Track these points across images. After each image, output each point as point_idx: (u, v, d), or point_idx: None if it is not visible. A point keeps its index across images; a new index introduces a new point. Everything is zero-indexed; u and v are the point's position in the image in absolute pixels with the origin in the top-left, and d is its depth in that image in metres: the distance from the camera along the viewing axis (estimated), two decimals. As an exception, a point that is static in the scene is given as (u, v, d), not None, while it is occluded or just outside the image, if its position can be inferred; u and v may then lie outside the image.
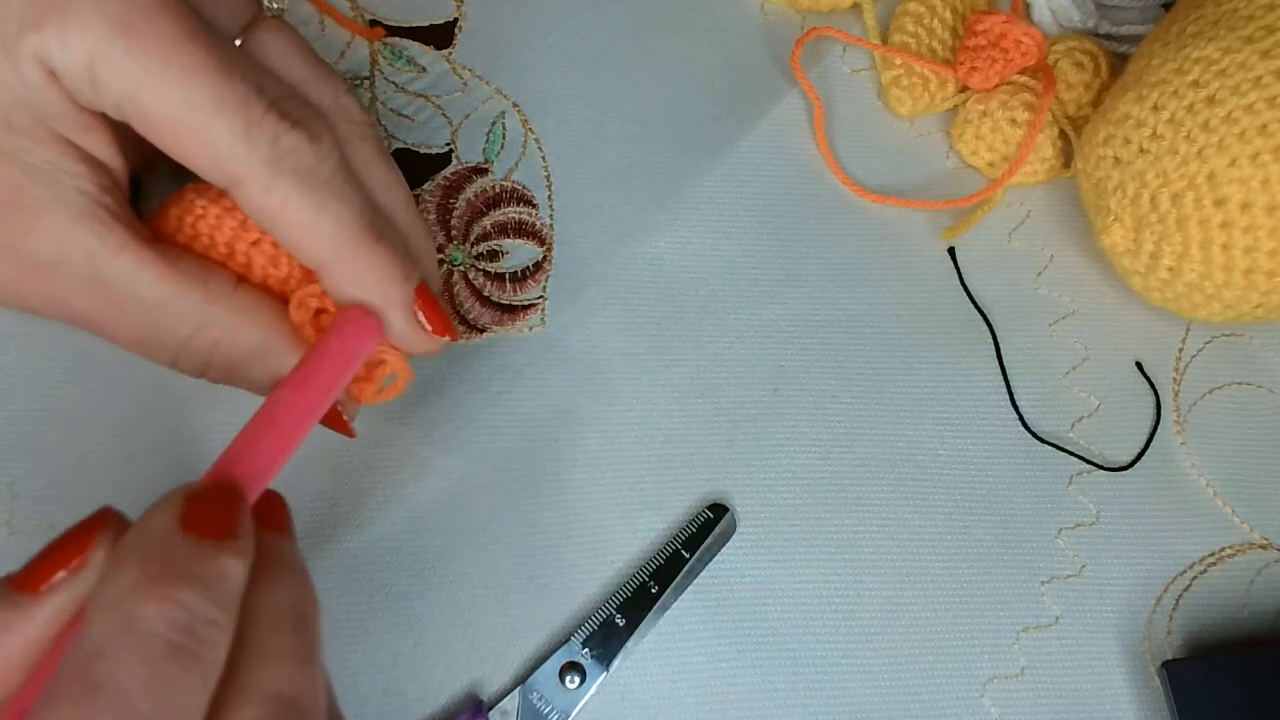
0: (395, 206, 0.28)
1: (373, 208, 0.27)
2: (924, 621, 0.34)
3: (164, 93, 0.24)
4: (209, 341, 0.27)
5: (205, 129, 0.24)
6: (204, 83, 0.24)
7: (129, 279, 0.26)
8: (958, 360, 0.38)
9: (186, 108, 0.24)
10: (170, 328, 0.27)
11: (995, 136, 0.39)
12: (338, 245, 0.26)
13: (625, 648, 0.32)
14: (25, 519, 0.32)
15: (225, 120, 0.24)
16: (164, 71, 0.24)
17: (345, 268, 0.26)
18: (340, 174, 0.26)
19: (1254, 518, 0.36)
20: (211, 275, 0.27)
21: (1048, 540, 0.36)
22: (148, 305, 0.26)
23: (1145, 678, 0.34)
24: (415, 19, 0.40)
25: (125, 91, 0.24)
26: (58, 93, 0.24)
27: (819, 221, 0.39)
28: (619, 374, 0.36)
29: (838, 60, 0.42)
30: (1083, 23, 0.41)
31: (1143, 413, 0.38)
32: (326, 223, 0.26)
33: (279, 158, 0.25)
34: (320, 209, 0.26)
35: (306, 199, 0.25)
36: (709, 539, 0.33)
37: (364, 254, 0.26)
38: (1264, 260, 0.33)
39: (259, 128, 0.25)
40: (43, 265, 0.26)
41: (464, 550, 0.33)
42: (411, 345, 0.28)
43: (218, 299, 0.27)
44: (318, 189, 0.26)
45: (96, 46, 0.23)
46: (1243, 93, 0.32)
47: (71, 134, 0.25)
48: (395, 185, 0.29)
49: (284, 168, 0.25)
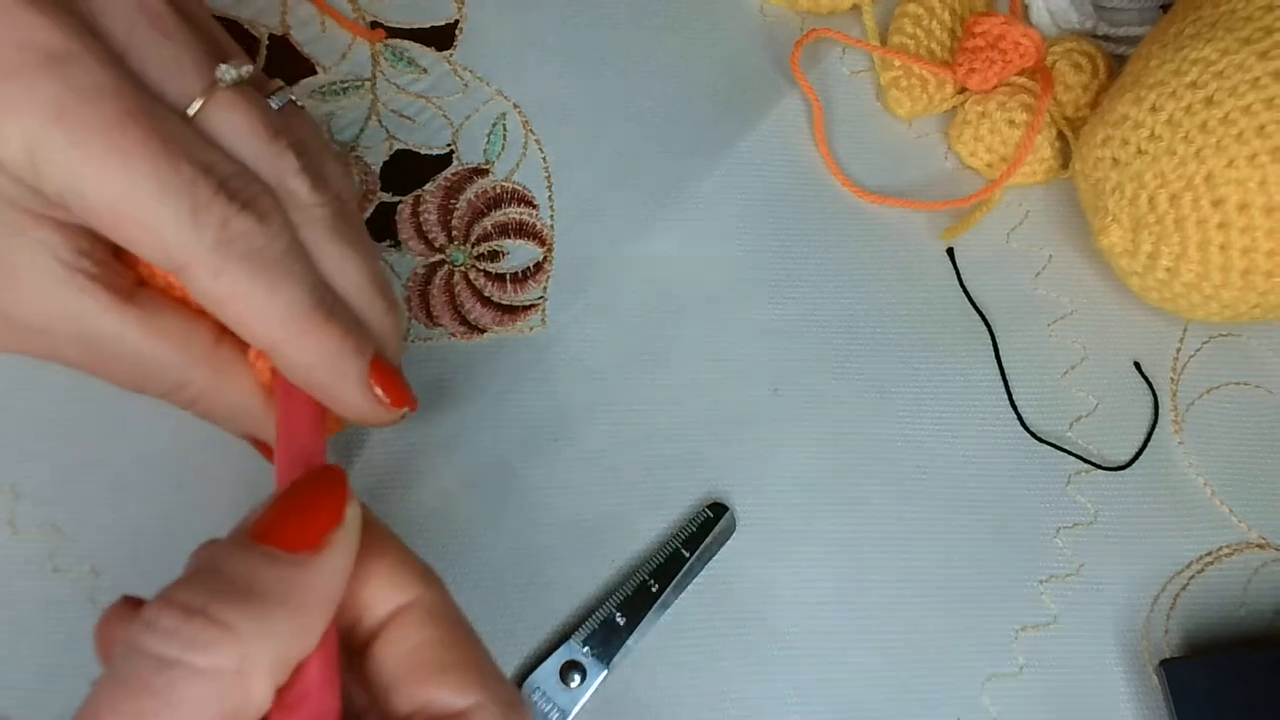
0: (349, 285, 0.27)
1: (323, 286, 0.26)
2: (923, 620, 0.34)
3: (106, 179, 0.23)
4: (191, 395, 0.27)
5: (150, 216, 0.23)
6: (148, 169, 0.23)
7: (113, 340, 0.26)
8: (957, 360, 0.38)
9: (130, 195, 0.23)
10: (155, 381, 0.27)
11: (994, 137, 0.39)
12: (288, 326, 0.25)
13: (625, 646, 0.32)
14: (28, 519, 0.32)
15: (170, 206, 0.23)
16: (105, 158, 0.23)
17: (296, 348, 0.26)
18: (290, 254, 0.25)
19: (1251, 517, 0.36)
20: (192, 335, 0.26)
21: (1046, 539, 0.36)
22: (133, 362, 0.26)
23: (1143, 676, 0.34)
24: (416, 20, 0.40)
25: (66, 182, 0.23)
26: (7, 178, 0.23)
27: (818, 222, 0.39)
28: (619, 374, 0.36)
29: (837, 62, 0.42)
30: (1081, 24, 0.41)
31: (1141, 412, 0.38)
32: (276, 306, 0.25)
33: (227, 242, 0.24)
34: (271, 291, 0.25)
35: (256, 283, 0.25)
36: (709, 538, 0.34)
37: (315, 334, 0.26)
38: (1261, 260, 0.33)
39: (206, 211, 0.24)
40: (33, 327, 0.25)
41: (464, 549, 0.33)
42: (369, 419, 0.28)
43: (198, 361, 0.26)
44: (267, 271, 0.25)
45: (34, 136, 0.22)
46: (1240, 94, 0.32)
47: (38, 208, 0.24)
48: (349, 265, 0.27)
49: (233, 252, 0.24)
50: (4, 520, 0.32)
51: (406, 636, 0.22)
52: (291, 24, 0.39)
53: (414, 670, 0.22)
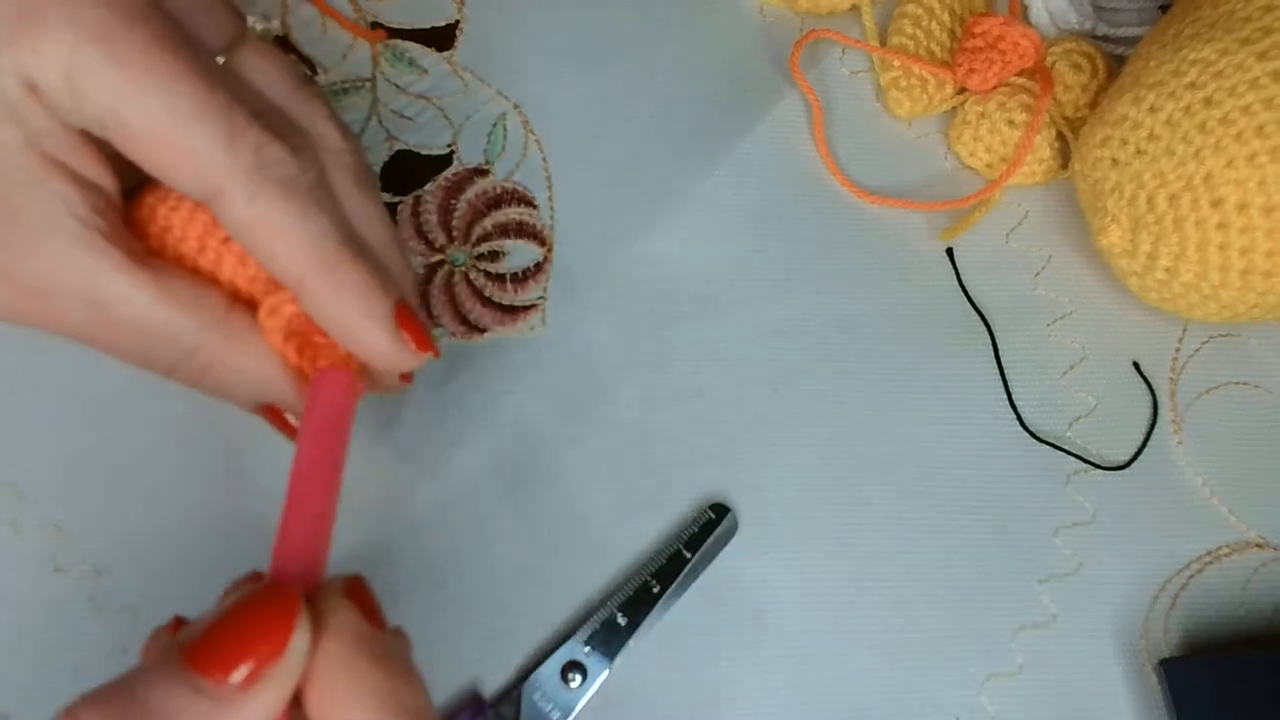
0: (372, 234, 0.28)
1: (350, 227, 0.27)
2: (922, 619, 0.34)
3: (145, 101, 0.23)
4: (201, 363, 0.27)
5: (187, 137, 0.24)
6: (186, 90, 0.23)
7: (123, 303, 0.25)
8: (956, 360, 0.38)
9: (168, 115, 0.23)
10: (164, 349, 0.26)
11: (993, 138, 0.39)
12: (319, 258, 0.25)
13: (627, 647, 0.32)
14: (30, 519, 0.32)
15: (208, 128, 0.24)
16: (144, 79, 0.23)
17: (326, 281, 0.26)
18: (321, 187, 0.26)
19: (1250, 517, 0.36)
20: (204, 300, 0.26)
21: (1045, 539, 0.36)
22: (142, 327, 0.26)
23: (1142, 676, 0.34)
24: (417, 21, 0.40)
25: (105, 102, 0.23)
26: (41, 109, 0.24)
27: (818, 222, 0.39)
28: (619, 374, 0.36)
29: (836, 62, 0.42)
30: (1080, 24, 0.41)
31: (1140, 412, 0.38)
32: (309, 234, 0.25)
33: (262, 167, 0.24)
34: (303, 219, 0.25)
35: (289, 209, 0.25)
36: (711, 539, 0.34)
37: (344, 268, 0.26)
38: (1260, 260, 0.33)
39: (242, 137, 0.24)
40: (38, 288, 0.25)
41: (466, 549, 0.33)
42: (394, 361, 0.27)
43: (210, 325, 0.26)
44: (300, 200, 0.25)
45: (74, 56, 0.23)
46: (1239, 94, 0.32)
47: (60, 153, 0.25)
48: (373, 215, 0.28)
49: (267, 177, 0.25)
50: (5, 520, 0.32)
51: None
52: (292, 24, 0.39)
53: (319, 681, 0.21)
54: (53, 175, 0.25)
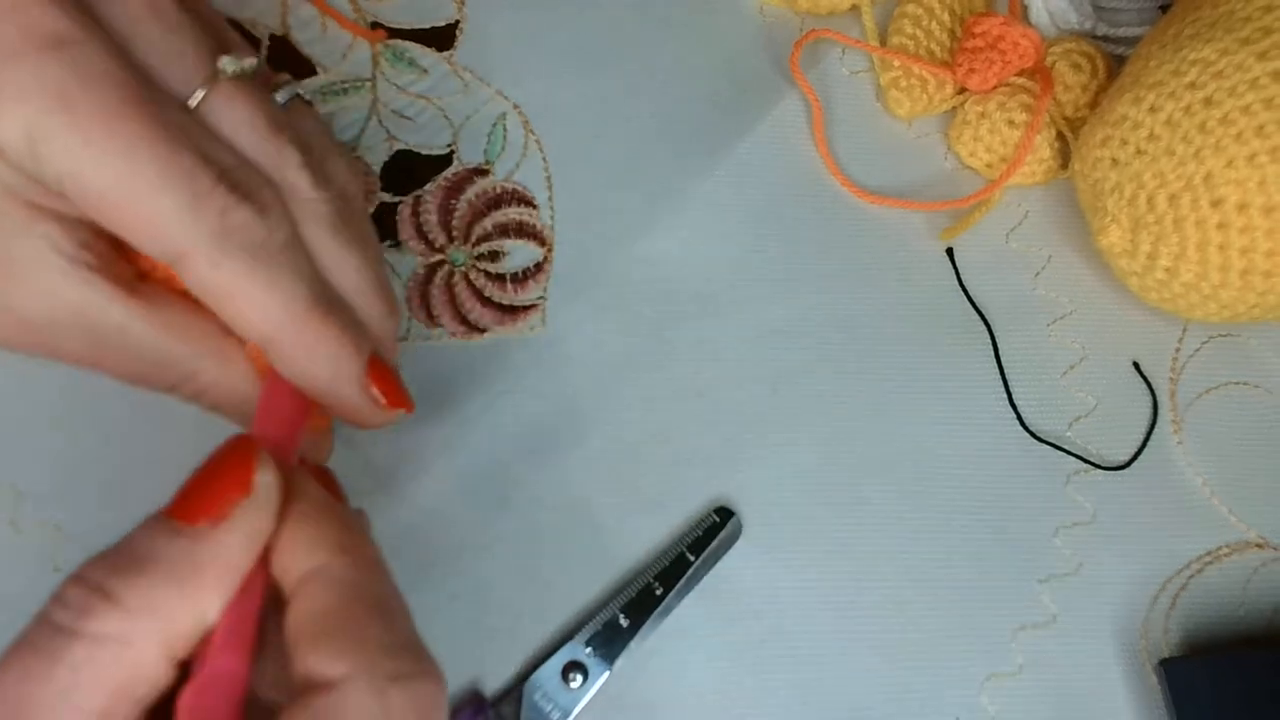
0: (347, 285, 0.27)
1: (321, 283, 0.26)
2: (922, 619, 0.34)
3: (104, 167, 0.22)
4: (199, 386, 0.27)
5: (148, 203, 0.23)
6: (147, 154, 0.23)
7: (118, 332, 0.25)
8: (956, 360, 0.38)
9: (129, 181, 0.23)
10: (161, 374, 0.26)
11: (993, 138, 0.39)
12: (286, 321, 0.25)
13: (628, 648, 0.32)
14: (30, 519, 0.32)
15: (170, 194, 0.23)
16: (104, 144, 0.22)
17: (294, 343, 0.25)
18: (289, 248, 0.25)
19: (1250, 517, 0.36)
20: (197, 326, 0.26)
21: (1045, 539, 0.36)
22: (138, 354, 0.26)
23: (1142, 676, 0.34)
24: (417, 21, 0.40)
25: (65, 168, 0.23)
26: (6, 166, 0.23)
27: (818, 222, 0.39)
28: (619, 374, 0.36)
29: (836, 62, 0.42)
30: (1080, 24, 0.41)
31: (1140, 412, 0.38)
32: (275, 299, 0.25)
33: (227, 232, 0.24)
34: (270, 285, 0.25)
35: (256, 274, 0.24)
36: (714, 542, 0.34)
37: (313, 329, 0.25)
38: (1260, 260, 0.33)
39: (207, 200, 0.23)
40: (36, 322, 0.25)
41: (466, 549, 0.33)
42: (364, 419, 0.27)
43: (205, 352, 0.26)
44: (267, 264, 0.25)
45: (34, 120, 0.22)
46: (1239, 94, 0.32)
47: (39, 198, 0.24)
48: (348, 264, 0.27)
49: (231, 243, 0.24)
50: (5, 520, 0.32)
51: (301, 604, 0.22)
52: (292, 24, 0.39)
53: (299, 638, 0.21)
54: (36, 219, 0.24)
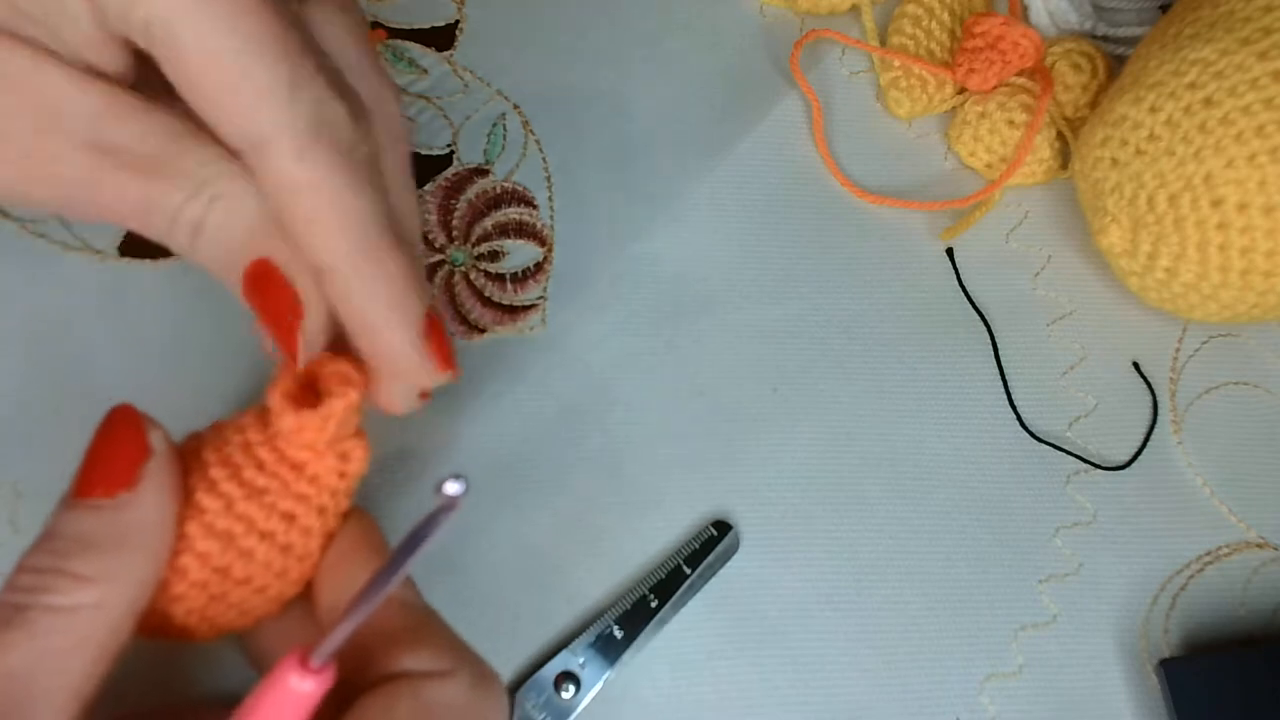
0: (412, 232, 0.25)
1: (392, 215, 0.23)
2: (922, 620, 0.34)
3: (204, 19, 0.20)
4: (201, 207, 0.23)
5: (244, 72, 0.21)
6: (253, 19, 0.20)
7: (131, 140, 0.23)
8: (956, 360, 0.38)
9: (227, 41, 0.20)
10: (169, 194, 0.23)
11: (993, 138, 0.39)
12: (360, 239, 0.22)
13: (621, 660, 0.32)
14: (29, 518, 0.32)
15: (270, 67, 0.21)
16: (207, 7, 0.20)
17: (363, 267, 0.23)
18: (373, 164, 0.23)
19: (1250, 516, 0.36)
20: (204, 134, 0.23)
21: (1045, 539, 0.36)
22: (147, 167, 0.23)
23: (1142, 676, 0.34)
24: (417, 21, 0.40)
25: (159, 12, 0.20)
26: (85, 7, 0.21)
27: (818, 222, 0.39)
28: (619, 374, 0.36)
29: (836, 62, 0.42)
30: (1080, 25, 0.41)
31: (1140, 412, 0.38)
32: (356, 210, 0.22)
33: (319, 124, 0.21)
34: (354, 192, 0.22)
35: (341, 178, 0.22)
36: (711, 556, 0.33)
37: (386, 256, 0.23)
38: (1260, 261, 0.33)
39: (307, 87, 0.21)
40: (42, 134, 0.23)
41: (462, 552, 0.33)
42: (410, 371, 0.25)
43: (218, 157, 0.23)
44: (352, 171, 0.22)
45: None
46: (1239, 94, 0.32)
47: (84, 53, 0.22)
48: (412, 211, 0.25)
49: (323, 136, 0.21)
50: (5, 520, 0.32)
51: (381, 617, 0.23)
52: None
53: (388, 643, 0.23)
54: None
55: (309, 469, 0.24)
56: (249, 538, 0.23)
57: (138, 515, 0.22)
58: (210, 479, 0.23)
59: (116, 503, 0.22)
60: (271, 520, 0.24)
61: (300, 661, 0.21)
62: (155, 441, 0.23)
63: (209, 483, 0.23)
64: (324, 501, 0.24)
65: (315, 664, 0.21)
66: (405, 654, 0.23)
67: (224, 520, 0.23)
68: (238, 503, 0.23)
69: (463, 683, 0.23)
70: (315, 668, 0.21)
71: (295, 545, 0.24)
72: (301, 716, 0.21)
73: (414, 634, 0.23)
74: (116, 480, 0.23)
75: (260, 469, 0.24)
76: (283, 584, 0.24)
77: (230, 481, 0.23)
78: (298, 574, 0.24)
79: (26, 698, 0.21)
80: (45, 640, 0.21)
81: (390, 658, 0.23)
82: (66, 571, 0.22)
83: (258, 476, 0.24)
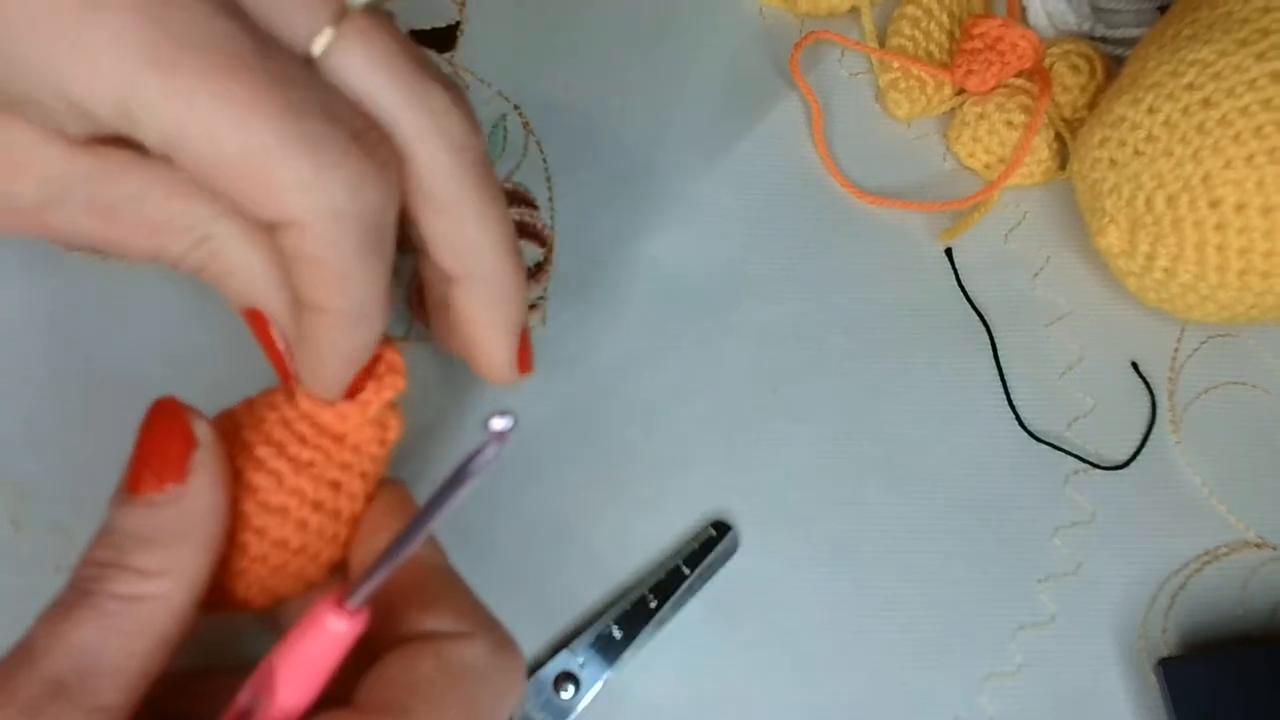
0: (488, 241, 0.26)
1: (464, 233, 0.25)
2: (921, 619, 0.34)
3: (212, 137, 0.20)
4: (209, 251, 0.25)
5: (266, 169, 0.21)
6: (266, 115, 0.20)
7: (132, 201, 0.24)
8: (955, 360, 0.38)
9: (246, 143, 0.20)
10: (171, 246, 0.25)
11: (992, 139, 0.39)
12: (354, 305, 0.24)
13: (621, 660, 0.32)
14: (32, 518, 0.32)
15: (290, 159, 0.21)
16: (211, 115, 0.20)
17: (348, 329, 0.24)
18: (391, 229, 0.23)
19: (1249, 516, 0.36)
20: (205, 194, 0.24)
21: (1044, 539, 0.36)
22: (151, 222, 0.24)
23: (1141, 675, 0.34)
24: (417, 22, 0.40)
25: (167, 134, 0.21)
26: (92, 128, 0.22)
27: (817, 223, 0.39)
28: (619, 374, 0.36)
29: (835, 63, 0.42)
30: (1078, 26, 0.42)
31: (1138, 412, 0.38)
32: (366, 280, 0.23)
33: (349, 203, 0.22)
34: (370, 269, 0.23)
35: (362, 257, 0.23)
36: (711, 556, 0.33)
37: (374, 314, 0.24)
38: (1258, 261, 0.33)
39: (331, 169, 0.21)
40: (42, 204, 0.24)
41: (461, 552, 0.33)
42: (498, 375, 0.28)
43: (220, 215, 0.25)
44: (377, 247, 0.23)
45: (128, 88, 0.20)
46: (1237, 95, 0.32)
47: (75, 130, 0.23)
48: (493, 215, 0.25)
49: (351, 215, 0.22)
50: (7, 519, 0.32)
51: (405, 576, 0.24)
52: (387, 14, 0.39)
53: (408, 603, 0.23)
54: None
55: (350, 439, 0.25)
56: (302, 509, 0.25)
57: (192, 507, 0.23)
58: (257, 458, 0.24)
59: (169, 496, 0.23)
60: (320, 490, 0.25)
61: (336, 604, 0.21)
62: (200, 432, 0.24)
63: (256, 461, 0.24)
64: (365, 468, 0.26)
65: (351, 606, 0.21)
66: (429, 615, 0.23)
67: (277, 496, 0.24)
68: (287, 478, 0.24)
69: (484, 646, 0.23)
70: (351, 610, 0.21)
71: (343, 511, 0.25)
72: (336, 658, 0.22)
73: (437, 595, 0.24)
74: (167, 473, 0.23)
75: (303, 443, 0.25)
76: (334, 548, 0.26)
77: (279, 459, 0.25)
78: (346, 537, 0.26)
79: (94, 671, 0.21)
80: (112, 621, 0.22)
81: (413, 618, 0.23)
82: (129, 566, 0.22)
83: (302, 450, 0.25)
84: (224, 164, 0.21)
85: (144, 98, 0.20)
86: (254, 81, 0.20)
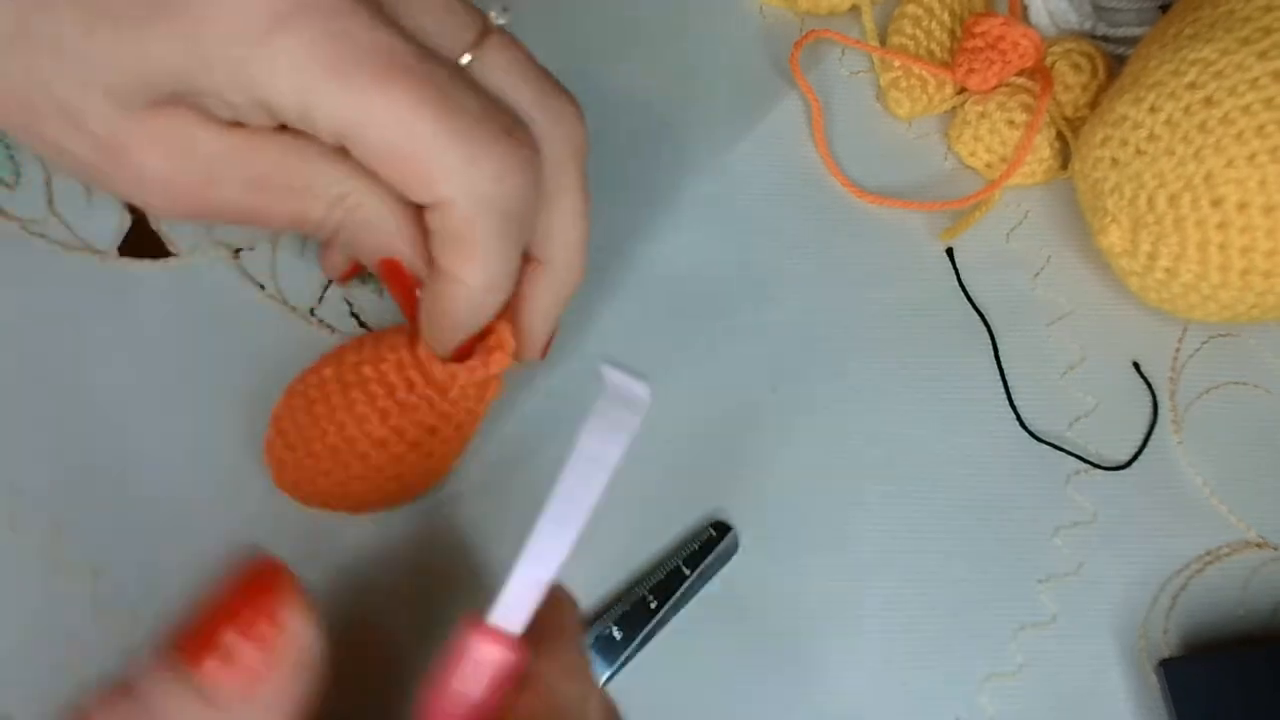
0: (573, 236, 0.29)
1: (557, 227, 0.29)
2: (922, 619, 0.34)
3: (389, 125, 0.24)
4: (339, 217, 0.28)
5: (426, 159, 0.25)
6: (430, 114, 0.24)
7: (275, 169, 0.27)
8: (956, 360, 0.38)
9: (412, 136, 0.24)
10: (312, 209, 0.28)
11: (993, 138, 0.39)
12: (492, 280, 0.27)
13: (621, 660, 0.32)
14: (28, 519, 0.32)
15: (445, 150, 0.24)
16: (379, 113, 0.24)
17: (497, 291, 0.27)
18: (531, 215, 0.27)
19: (1250, 517, 0.36)
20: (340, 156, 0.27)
21: (1045, 539, 0.36)
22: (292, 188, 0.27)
23: (1142, 676, 0.34)
24: (416, 21, 0.40)
25: (342, 130, 0.24)
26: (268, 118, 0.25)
27: (818, 222, 0.39)
28: (619, 374, 0.36)
29: (836, 62, 0.42)
30: (1080, 25, 0.41)
31: (1140, 412, 0.38)
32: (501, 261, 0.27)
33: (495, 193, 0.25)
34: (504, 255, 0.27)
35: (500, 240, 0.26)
36: (711, 557, 0.33)
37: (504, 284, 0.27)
38: (1260, 261, 0.33)
39: (481, 160, 0.25)
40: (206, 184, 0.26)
41: (460, 551, 0.33)
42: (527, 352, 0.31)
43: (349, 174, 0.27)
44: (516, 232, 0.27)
45: (309, 90, 0.24)
46: (1239, 94, 0.32)
47: None
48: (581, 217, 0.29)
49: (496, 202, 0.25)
50: (3, 520, 0.32)
51: None
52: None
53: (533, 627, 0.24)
54: None
55: (452, 394, 0.29)
56: (399, 445, 0.29)
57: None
58: (371, 394, 0.28)
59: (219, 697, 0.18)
60: (419, 432, 0.29)
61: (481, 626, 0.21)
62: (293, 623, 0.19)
63: (370, 395, 0.28)
64: (461, 420, 0.30)
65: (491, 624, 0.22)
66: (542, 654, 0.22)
67: (381, 429, 0.28)
68: (392, 416, 0.28)
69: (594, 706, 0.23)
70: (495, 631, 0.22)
71: (435, 452, 0.30)
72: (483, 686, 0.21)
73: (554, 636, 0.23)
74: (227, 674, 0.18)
75: (411, 389, 0.29)
76: (425, 478, 0.31)
77: (388, 399, 0.28)
78: (439, 469, 0.31)
79: None
80: None
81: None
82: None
83: (409, 395, 0.29)
84: (389, 154, 0.25)
85: (323, 99, 0.24)
86: (414, 84, 0.24)
